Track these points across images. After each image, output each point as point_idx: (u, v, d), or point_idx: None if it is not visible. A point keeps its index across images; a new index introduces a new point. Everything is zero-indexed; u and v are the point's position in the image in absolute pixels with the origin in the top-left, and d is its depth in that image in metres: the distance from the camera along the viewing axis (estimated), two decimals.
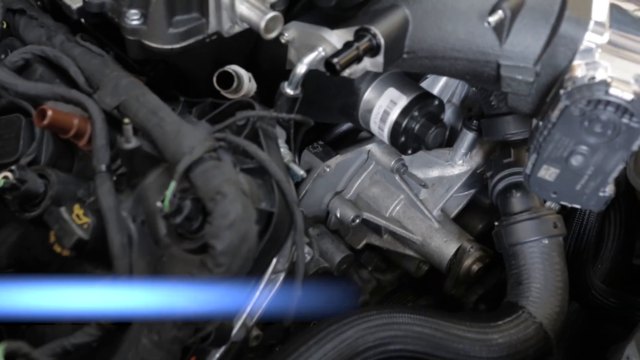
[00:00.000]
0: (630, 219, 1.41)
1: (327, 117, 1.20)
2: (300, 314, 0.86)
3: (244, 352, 0.98)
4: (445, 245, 1.28)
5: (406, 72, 1.12)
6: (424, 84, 1.23)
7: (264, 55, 1.05)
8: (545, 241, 1.11)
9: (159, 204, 0.73)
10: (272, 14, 0.85)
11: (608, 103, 0.81)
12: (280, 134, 1.01)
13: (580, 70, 0.85)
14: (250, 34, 0.89)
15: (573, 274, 1.14)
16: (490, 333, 1.03)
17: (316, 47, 0.93)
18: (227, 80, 0.96)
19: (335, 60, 0.86)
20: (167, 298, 0.72)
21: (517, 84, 0.92)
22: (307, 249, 1.01)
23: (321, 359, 0.89)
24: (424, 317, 0.99)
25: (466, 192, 1.35)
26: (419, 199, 1.31)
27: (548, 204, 1.22)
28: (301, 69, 0.92)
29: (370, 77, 1.09)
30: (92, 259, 0.82)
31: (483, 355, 1.01)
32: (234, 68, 0.96)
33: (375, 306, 0.96)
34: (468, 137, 1.29)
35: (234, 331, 0.83)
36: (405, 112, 1.07)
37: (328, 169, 1.24)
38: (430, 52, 0.94)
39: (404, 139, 1.09)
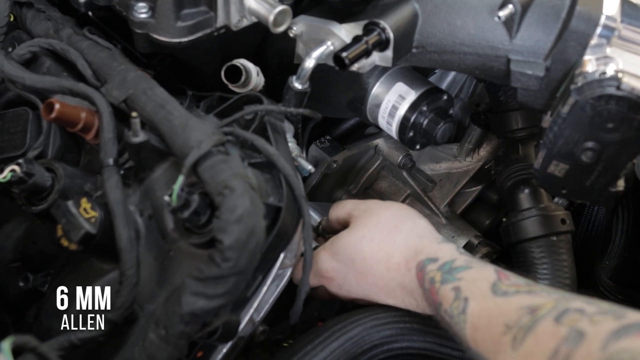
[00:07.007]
0: (639, 215, 1.40)
1: (334, 111, 1.19)
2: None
3: (250, 347, 0.98)
4: (452, 241, 1.28)
5: (415, 66, 1.11)
6: (431, 79, 1.22)
7: (272, 49, 1.05)
8: (553, 238, 1.10)
9: (166, 198, 0.73)
10: (280, 7, 0.84)
11: (619, 98, 0.81)
12: (288, 128, 1.00)
13: (590, 65, 0.84)
14: (259, 28, 0.88)
15: (580, 271, 1.13)
16: None
17: (325, 41, 0.92)
18: (235, 74, 0.95)
19: (344, 54, 0.86)
20: None
21: (527, 79, 0.91)
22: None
23: (327, 357, 0.88)
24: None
25: (474, 188, 1.35)
26: (427, 194, 1.31)
27: (556, 199, 1.21)
28: (309, 63, 0.92)
29: (378, 71, 1.08)
30: (99, 253, 0.82)
31: None
32: (242, 62, 0.96)
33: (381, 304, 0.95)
34: (476, 132, 1.28)
35: (241, 326, 0.83)
36: (413, 107, 1.06)
37: (335, 164, 1.23)
38: (440, 46, 0.93)
39: (412, 134, 1.08)
